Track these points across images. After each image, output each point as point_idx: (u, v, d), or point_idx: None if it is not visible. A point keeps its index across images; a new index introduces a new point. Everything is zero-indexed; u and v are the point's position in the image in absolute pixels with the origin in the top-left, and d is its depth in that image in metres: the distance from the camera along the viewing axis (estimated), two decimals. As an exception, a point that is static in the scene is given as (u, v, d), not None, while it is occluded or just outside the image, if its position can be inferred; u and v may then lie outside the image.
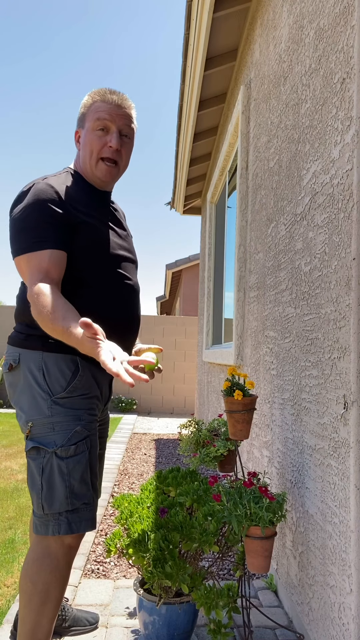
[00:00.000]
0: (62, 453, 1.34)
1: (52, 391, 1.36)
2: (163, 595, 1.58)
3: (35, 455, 1.36)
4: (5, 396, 8.62)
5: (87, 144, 1.46)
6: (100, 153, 1.45)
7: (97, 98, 1.46)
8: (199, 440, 2.12)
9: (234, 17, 3.11)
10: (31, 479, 1.37)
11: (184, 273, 12.30)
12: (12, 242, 1.38)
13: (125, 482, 3.73)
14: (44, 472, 1.34)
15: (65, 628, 1.71)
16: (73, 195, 1.42)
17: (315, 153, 1.65)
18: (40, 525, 1.35)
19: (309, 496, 1.61)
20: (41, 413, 1.36)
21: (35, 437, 1.36)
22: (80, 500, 1.36)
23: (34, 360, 1.38)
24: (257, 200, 2.62)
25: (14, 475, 3.93)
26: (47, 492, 1.34)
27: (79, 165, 1.52)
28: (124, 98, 1.47)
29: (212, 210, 5.25)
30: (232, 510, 1.46)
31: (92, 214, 1.45)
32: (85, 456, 1.38)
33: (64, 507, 1.34)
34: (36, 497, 1.35)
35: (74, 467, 1.35)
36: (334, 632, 1.38)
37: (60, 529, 1.33)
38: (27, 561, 1.38)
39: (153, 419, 7.73)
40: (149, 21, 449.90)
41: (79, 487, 1.36)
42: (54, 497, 1.33)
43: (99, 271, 1.44)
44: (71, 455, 1.35)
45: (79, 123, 1.51)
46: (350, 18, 1.36)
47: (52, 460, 1.34)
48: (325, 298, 1.51)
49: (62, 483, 1.34)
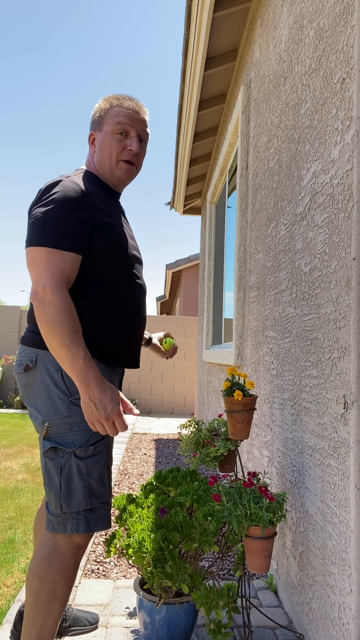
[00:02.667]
0: (81, 453, 1.35)
1: (70, 391, 1.37)
2: (163, 595, 1.58)
3: (53, 455, 1.36)
4: (5, 396, 8.62)
5: (105, 146, 1.49)
6: (120, 156, 1.50)
7: (115, 103, 1.50)
8: (199, 440, 2.12)
9: (234, 17, 3.11)
10: (49, 478, 1.37)
11: (184, 273, 12.30)
12: (33, 231, 1.34)
13: (125, 482, 3.73)
14: (62, 472, 1.35)
15: (65, 628, 1.71)
16: (95, 195, 1.43)
17: (315, 153, 1.65)
18: (58, 524, 1.35)
19: (309, 496, 1.61)
20: (58, 413, 1.36)
21: (53, 438, 1.36)
22: (98, 500, 1.37)
23: (52, 361, 1.37)
24: (257, 200, 2.62)
25: (14, 475, 3.93)
26: (65, 492, 1.34)
27: (94, 167, 1.54)
28: (141, 105, 1.53)
29: (212, 210, 5.25)
30: (232, 510, 1.46)
31: (112, 214, 1.47)
32: (103, 456, 1.39)
33: (82, 507, 1.35)
34: (54, 496, 1.35)
35: (93, 467, 1.37)
36: (334, 632, 1.38)
37: (78, 528, 1.35)
38: (35, 559, 1.38)
39: (153, 419, 7.73)
40: (149, 21, 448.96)
41: (97, 486, 1.37)
42: (72, 496, 1.34)
43: (116, 271, 1.45)
44: (90, 456, 1.36)
45: (95, 126, 1.53)
46: (350, 18, 1.36)
47: (71, 461, 1.35)
48: (325, 298, 1.51)
49: (81, 483, 1.35)
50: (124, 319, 1.46)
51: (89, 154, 1.58)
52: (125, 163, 1.51)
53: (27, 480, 3.76)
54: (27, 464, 4.30)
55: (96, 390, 1.27)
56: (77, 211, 1.35)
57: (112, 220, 1.45)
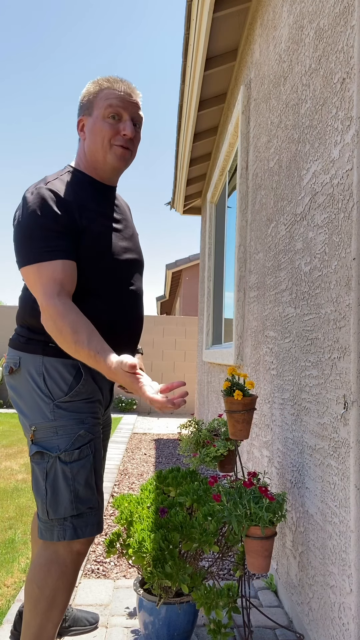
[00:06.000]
0: (66, 457, 1.32)
1: (53, 395, 1.35)
2: (163, 595, 1.58)
3: (39, 460, 1.34)
4: (5, 396, 8.62)
5: (97, 132, 1.39)
6: (113, 141, 1.39)
7: (105, 85, 1.39)
8: (199, 440, 2.12)
9: (234, 17, 3.11)
10: (36, 483, 1.35)
11: (184, 273, 12.30)
12: (19, 252, 1.32)
13: (125, 482, 3.73)
14: (47, 477, 1.32)
15: (65, 628, 1.71)
16: (76, 198, 1.37)
17: (315, 153, 1.65)
18: (45, 531, 1.32)
19: (309, 496, 1.61)
20: (44, 417, 1.34)
21: (39, 442, 1.34)
22: (85, 505, 1.33)
23: (34, 365, 1.36)
24: (257, 200, 2.62)
25: (14, 475, 3.93)
26: (51, 497, 1.31)
27: (83, 158, 1.45)
28: (133, 87, 1.42)
29: (212, 210, 5.25)
30: (232, 510, 1.46)
31: (95, 218, 1.40)
32: (89, 460, 1.36)
33: (69, 512, 1.31)
34: (41, 502, 1.33)
35: (79, 472, 1.33)
36: (334, 632, 1.38)
37: (65, 535, 1.31)
38: (33, 565, 1.35)
39: (153, 419, 7.73)
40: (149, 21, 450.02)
41: (83, 491, 1.33)
42: (58, 502, 1.31)
43: (102, 279, 1.40)
44: (75, 460, 1.33)
45: (84, 111, 1.42)
46: (350, 18, 1.36)
47: (56, 465, 1.32)
48: (325, 298, 1.51)
49: (66, 488, 1.31)
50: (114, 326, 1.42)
51: (79, 145, 1.47)
52: (119, 147, 1.40)
53: (27, 480, 3.76)
54: (27, 464, 4.30)
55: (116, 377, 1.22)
56: (55, 221, 1.31)
57: (95, 226, 1.38)
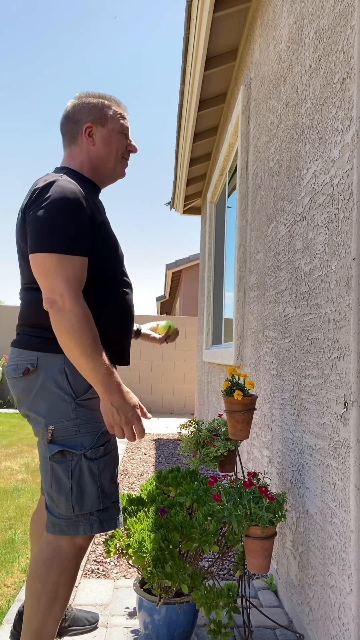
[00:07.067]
0: (92, 455, 1.35)
1: (75, 393, 1.36)
2: (163, 595, 1.58)
3: (61, 459, 1.35)
4: (5, 396, 8.62)
5: (112, 144, 1.54)
6: (124, 154, 1.58)
7: (114, 103, 1.56)
8: (199, 440, 2.12)
9: (234, 17, 3.11)
10: (57, 482, 1.35)
11: (184, 273, 12.30)
12: (40, 237, 1.30)
13: (125, 482, 3.73)
14: (73, 475, 1.34)
15: (65, 628, 1.71)
16: (88, 194, 1.43)
17: (315, 153, 1.65)
18: (68, 526, 1.34)
19: (309, 496, 1.61)
20: (64, 416, 1.35)
21: (59, 441, 1.35)
22: (110, 499, 1.38)
23: (56, 364, 1.36)
24: (257, 200, 2.62)
25: (14, 475, 3.93)
26: (77, 494, 1.34)
27: (87, 162, 1.52)
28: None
29: (212, 210, 5.25)
30: (232, 510, 1.46)
31: (103, 214, 1.48)
32: (112, 456, 1.40)
33: (95, 507, 1.35)
34: (65, 499, 1.34)
35: (104, 468, 1.37)
36: (334, 632, 1.38)
37: (92, 528, 1.35)
38: (36, 561, 1.37)
39: (153, 419, 7.73)
40: (149, 20, 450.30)
41: (109, 486, 1.38)
42: (85, 498, 1.34)
43: (111, 271, 1.45)
44: (101, 456, 1.37)
45: (96, 119, 1.51)
46: (350, 18, 1.36)
47: (82, 462, 1.34)
48: (325, 298, 1.51)
49: (93, 484, 1.35)
50: (118, 317, 1.47)
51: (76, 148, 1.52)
52: (125, 160, 1.59)
53: (27, 480, 3.76)
54: (27, 464, 4.30)
55: (118, 397, 1.30)
56: (79, 213, 1.34)
57: (106, 220, 1.46)
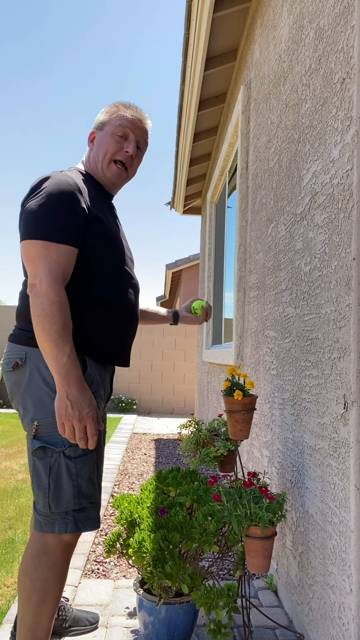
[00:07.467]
0: (71, 453, 1.35)
1: None
2: (163, 595, 1.58)
3: (42, 455, 1.35)
4: (5, 396, 8.62)
5: (102, 145, 1.53)
6: (115, 155, 1.53)
7: (122, 108, 1.55)
8: (199, 440, 2.12)
9: (234, 17, 3.11)
10: (37, 478, 1.36)
11: (184, 273, 12.29)
12: (28, 224, 1.33)
13: (125, 482, 3.73)
14: (51, 472, 1.34)
15: (65, 628, 1.71)
16: (86, 190, 1.45)
17: (315, 153, 1.65)
18: (46, 524, 1.35)
19: (309, 496, 1.61)
20: (48, 412, 1.35)
21: (42, 437, 1.36)
22: (87, 500, 1.37)
23: (43, 359, 1.37)
24: (257, 200, 2.62)
25: (14, 475, 3.93)
26: (54, 492, 1.34)
27: (89, 165, 1.57)
28: (145, 116, 1.60)
29: (212, 210, 5.25)
30: (232, 510, 1.46)
31: (103, 211, 1.48)
32: (92, 456, 1.39)
33: (71, 507, 1.34)
34: (42, 496, 1.35)
35: (82, 467, 1.36)
36: (334, 632, 1.38)
37: (67, 528, 1.34)
38: (24, 558, 1.38)
39: (153, 419, 7.73)
40: (149, 20, 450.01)
41: (86, 486, 1.36)
42: (61, 496, 1.34)
43: (108, 267, 1.45)
44: (79, 455, 1.36)
45: (98, 125, 1.57)
46: (350, 18, 1.36)
47: (60, 460, 1.34)
48: (325, 298, 1.51)
49: (70, 482, 1.34)
50: (115, 316, 1.46)
51: (85, 153, 1.61)
52: (115, 166, 1.54)
53: (27, 480, 3.76)
54: (27, 464, 4.30)
55: (75, 390, 1.27)
56: (71, 204, 1.35)
57: (103, 216, 1.46)
